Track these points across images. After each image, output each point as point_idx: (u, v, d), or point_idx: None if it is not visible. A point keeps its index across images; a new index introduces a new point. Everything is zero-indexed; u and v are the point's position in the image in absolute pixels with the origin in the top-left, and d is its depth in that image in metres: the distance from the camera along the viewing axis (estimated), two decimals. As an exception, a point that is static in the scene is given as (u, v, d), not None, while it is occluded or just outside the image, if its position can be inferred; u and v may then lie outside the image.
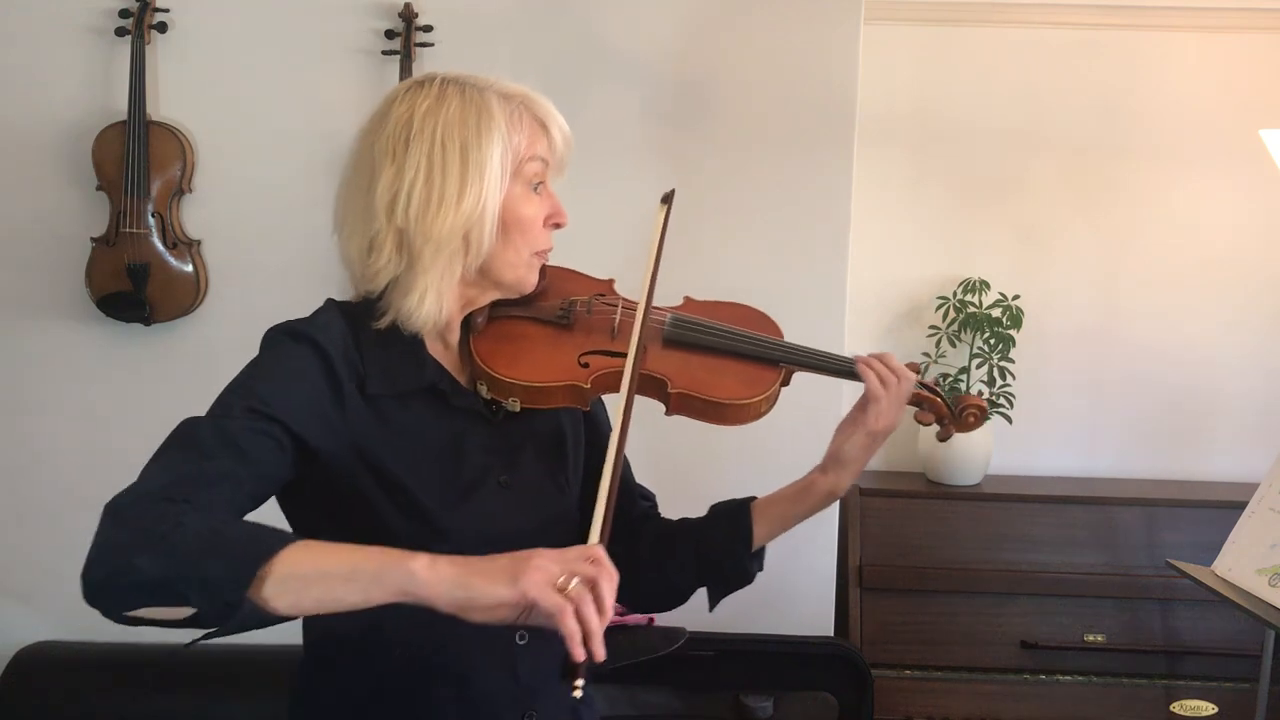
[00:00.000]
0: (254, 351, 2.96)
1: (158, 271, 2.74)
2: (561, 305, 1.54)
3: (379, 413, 1.40)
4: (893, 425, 1.57)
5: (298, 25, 2.77)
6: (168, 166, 2.73)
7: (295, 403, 1.34)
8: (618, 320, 1.54)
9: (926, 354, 3.07)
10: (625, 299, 1.58)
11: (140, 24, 2.69)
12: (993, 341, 3.02)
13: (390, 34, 2.73)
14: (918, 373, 1.61)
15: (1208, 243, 3.14)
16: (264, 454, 1.30)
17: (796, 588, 2.82)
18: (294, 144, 2.78)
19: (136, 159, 2.69)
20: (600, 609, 1.16)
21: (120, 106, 2.70)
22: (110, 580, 1.17)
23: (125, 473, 1.12)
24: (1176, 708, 2.70)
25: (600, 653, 1.15)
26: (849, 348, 2.87)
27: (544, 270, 1.52)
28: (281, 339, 1.41)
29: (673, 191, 1.60)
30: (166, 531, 1.17)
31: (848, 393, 1.95)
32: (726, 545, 1.60)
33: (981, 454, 2.98)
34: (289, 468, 1.34)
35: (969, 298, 3.07)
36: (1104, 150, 3.13)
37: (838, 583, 2.89)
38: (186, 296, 2.78)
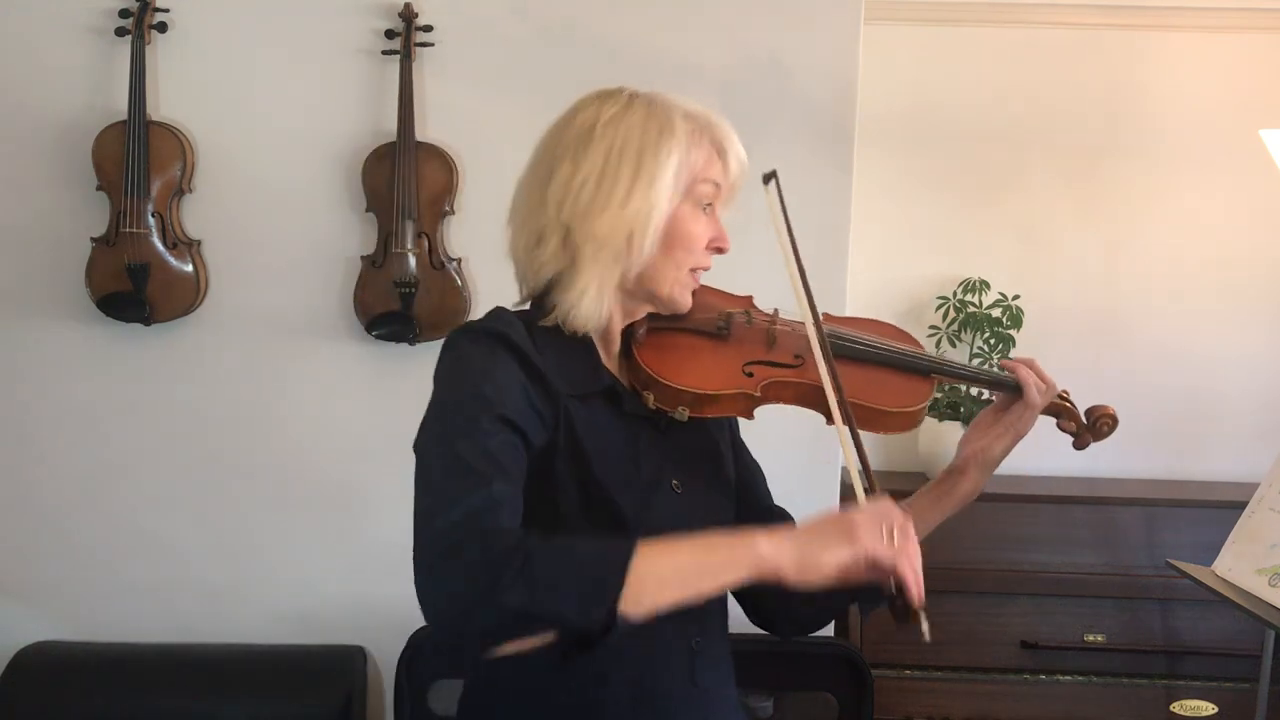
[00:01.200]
0: (253, 352, 2.94)
1: (158, 271, 2.74)
2: (720, 318, 1.56)
3: (569, 409, 1.42)
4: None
5: (298, 25, 2.77)
6: (168, 166, 2.73)
7: (518, 405, 1.35)
8: (776, 331, 1.57)
9: (926, 354, 3.08)
10: (775, 315, 1.62)
11: (140, 24, 2.69)
12: (993, 341, 3.02)
13: (390, 34, 2.73)
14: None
15: (1208, 243, 3.14)
16: (518, 465, 1.33)
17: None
18: (294, 144, 2.78)
19: (136, 159, 2.69)
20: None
21: (120, 106, 2.70)
22: (475, 625, 1.21)
23: (125, 473, 1.12)
24: (1176, 708, 2.70)
25: (923, 596, 1.31)
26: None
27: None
28: (479, 339, 1.41)
29: (774, 172, 1.57)
30: (521, 564, 1.19)
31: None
32: None
33: (981, 454, 2.98)
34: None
35: (969, 298, 3.07)
36: (1104, 150, 3.13)
37: (838, 583, 2.89)
38: (186, 296, 2.77)
